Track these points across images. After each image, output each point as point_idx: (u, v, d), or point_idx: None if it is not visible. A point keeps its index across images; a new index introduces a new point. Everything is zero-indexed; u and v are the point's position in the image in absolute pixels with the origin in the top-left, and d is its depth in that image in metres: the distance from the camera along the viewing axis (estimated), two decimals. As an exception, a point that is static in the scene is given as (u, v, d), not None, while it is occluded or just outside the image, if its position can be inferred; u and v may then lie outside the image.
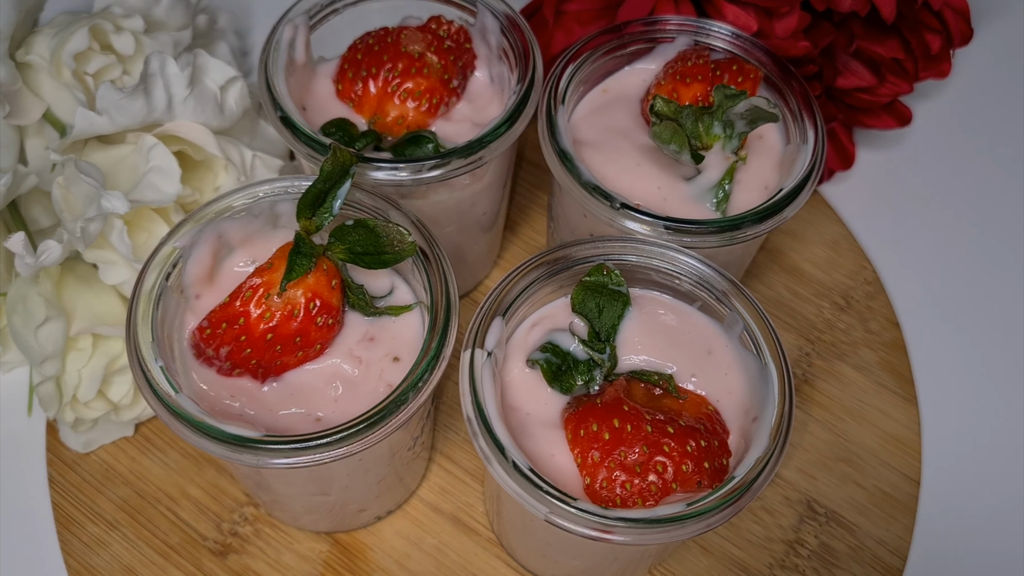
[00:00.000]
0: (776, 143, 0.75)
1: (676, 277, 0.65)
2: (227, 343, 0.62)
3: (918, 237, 0.95)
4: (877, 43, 0.90)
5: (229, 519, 0.77)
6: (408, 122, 0.74)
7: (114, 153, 0.76)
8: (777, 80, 0.75)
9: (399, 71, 0.74)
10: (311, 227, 0.62)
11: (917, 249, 0.95)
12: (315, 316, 0.62)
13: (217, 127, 0.76)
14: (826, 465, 0.81)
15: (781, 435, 0.59)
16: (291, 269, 0.61)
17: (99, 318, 0.73)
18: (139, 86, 0.70)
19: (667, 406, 0.62)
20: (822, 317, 0.90)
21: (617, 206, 0.67)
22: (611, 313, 0.65)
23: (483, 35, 0.77)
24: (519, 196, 0.96)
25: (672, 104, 0.69)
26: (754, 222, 0.67)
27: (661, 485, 0.58)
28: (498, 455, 0.57)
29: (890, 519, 0.79)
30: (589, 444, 0.60)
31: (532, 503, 0.56)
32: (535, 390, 0.64)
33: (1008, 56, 1.10)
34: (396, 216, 0.66)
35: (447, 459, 0.81)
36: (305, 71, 0.76)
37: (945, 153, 1.02)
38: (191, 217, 0.64)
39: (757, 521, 0.79)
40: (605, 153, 0.73)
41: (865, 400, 0.85)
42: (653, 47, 0.78)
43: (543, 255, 0.65)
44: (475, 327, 0.62)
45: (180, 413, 0.57)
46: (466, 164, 0.69)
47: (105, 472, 0.79)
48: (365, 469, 0.66)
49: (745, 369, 0.64)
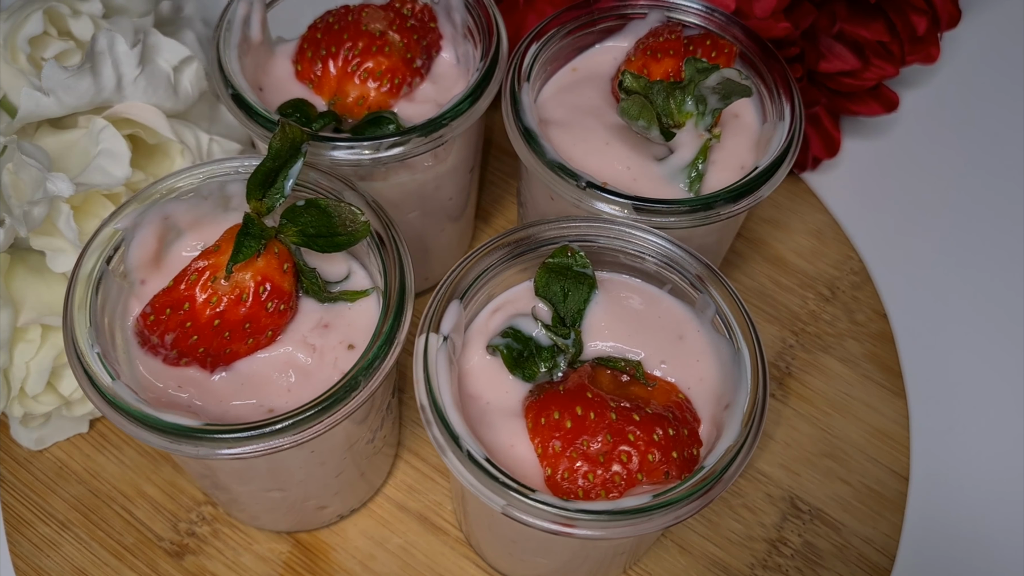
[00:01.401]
0: (753, 122, 0.72)
1: (644, 258, 0.62)
2: (172, 330, 0.59)
3: (906, 226, 0.92)
4: (861, 25, 0.87)
5: (186, 519, 0.74)
6: (369, 102, 0.72)
7: (66, 138, 0.73)
8: (753, 56, 0.72)
9: (359, 50, 0.71)
10: (261, 208, 0.60)
11: (905, 238, 0.92)
12: (265, 301, 0.59)
13: (171, 109, 0.73)
14: (810, 461, 0.78)
15: (754, 422, 0.56)
16: (238, 251, 0.58)
17: (48, 308, 0.70)
18: (85, 64, 0.68)
19: (635, 394, 0.59)
20: (806, 308, 0.86)
21: (583, 185, 0.64)
22: (576, 297, 0.62)
23: (448, 13, 0.74)
24: (492, 185, 0.93)
25: (642, 79, 0.66)
26: (728, 201, 0.64)
27: (626, 476, 0.55)
28: (452, 445, 0.54)
29: (877, 517, 0.75)
30: (550, 433, 0.56)
31: (488, 495, 0.53)
32: (496, 378, 0.60)
33: (998, 44, 1.07)
34: (350, 196, 0.63)
35: (415, 456, 0.78)
36: (262, 51, 0.73)
37: (934, 141, 0.99)
38: (135, 198, 0.61)
39: (738, 519, 0.75)
40: (573, 133, 0.70)
41: (851, 393, 0.82)
42: (624, 24, 0.75)
43: (504, 235, 0.62)
44: (430, 311, 0.59)
45: (115, 402, 0.54)
46: (427, 142, 0.66)
47: (58, 470, 0.76)
48: (320, 462, 0.62)
49: (718, 355, 0.61)
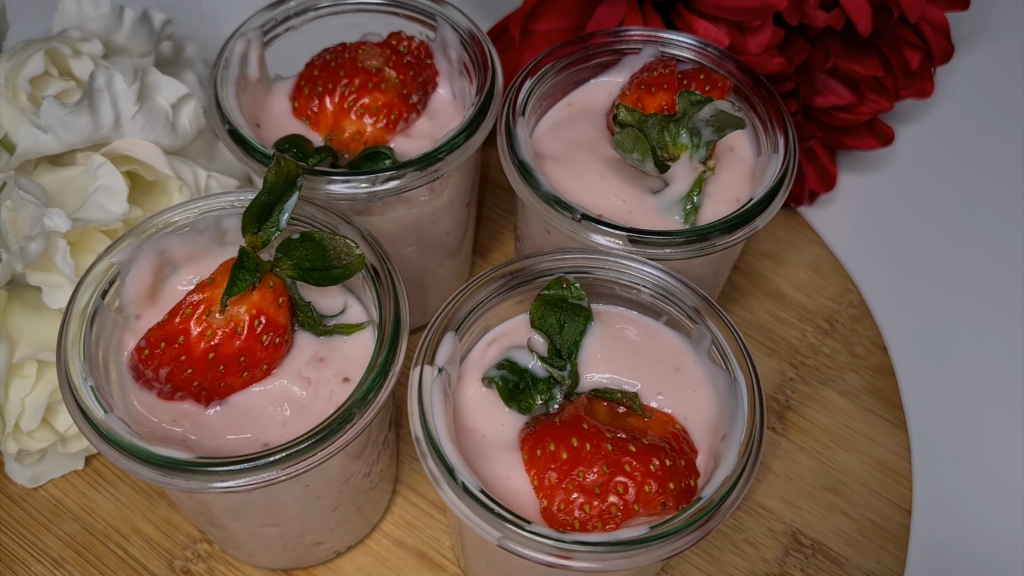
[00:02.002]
0: (748, 155, 0.72)
1: (640, 290, 0.62)
2: (166, 364, 0.58)
3: (904, 259, 0.92)
4: (855, 61, 0.88)
5: (182, 556, 0.73)
6: (365, 138, 0.72)
7: (64, 175, 0.74)
8: (746, 90, 0.72)
9: (356, 86, 0.72)
10: (257, 242, 0.60)
11: (903, 271, 0.91)
12: (260, 334, 0.59)
13: (170, 146, 0.73)
14: (812, 494, 0.77)
15: (751, 452, 0.55)
16: (233, 284, 0.58)
17: (44, 343, 0.70)
18: (83, 101, 0.68)
19: (631, 425, 0.59)
20: (806, 341, 0.86)
21: (578, 218, 0.64)
22: (573, 329, 0.62)
23: (444, 50, 0.75)
24: (489, 222, 0.93)
25: (636, 113, 0.66)
26: (723, 232, 0.64)
27: (622, 507, 0.55)
28: (447, 477, 0.54)
29: (880, 550, 0.74)
30: (546, 465, 0.56)
31: (484, 528, 0.52)
32: (492, 410, 0.60)
33: (992, 79, 1.07)
34: (345, 229, 0.63)
35: (413, 492, 0.77)
36: (260, 88, 0.74)
37: (930, 175, 0.99)
38: (131, 232, 0.62)
39: (739, 554, 0.74)
40: (567, 166, 0.70)
41: (852, 426, 0.81)
42: (619, 59, 0.76)
43: (499, 267, 0.62)
44: (425, 343, 0.58)
45: (108, 435, 0.54)
46: (423, 176, 0.66)
47: (53, 508, 0.75)
48: (315, 496, 0.62)
49: (714, 385, 0.61)
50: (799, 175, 0.92)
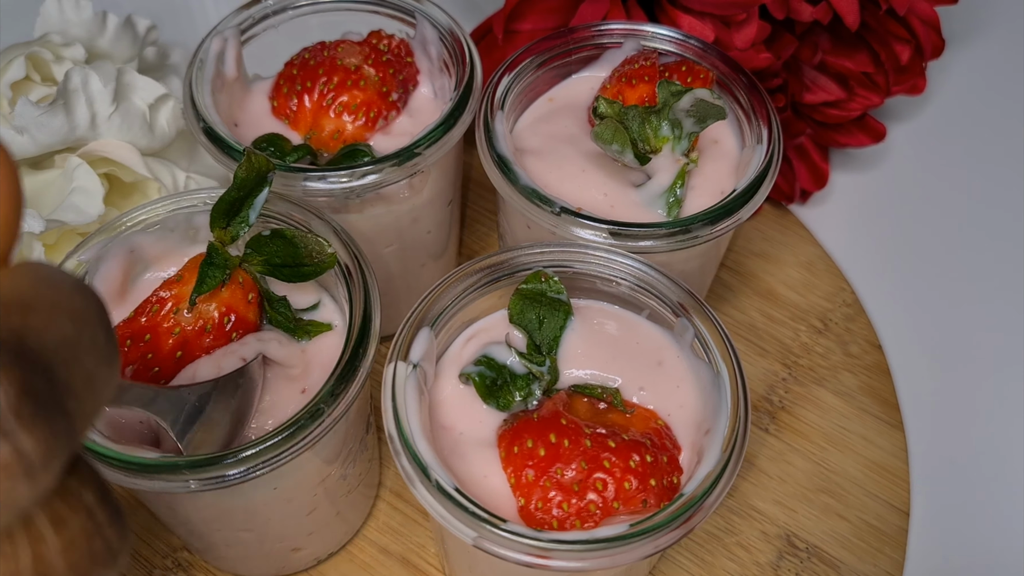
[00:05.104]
0: (732, 148, 0.71)
1: (621, 283, 0.61)
2: (132, 361, 0.57)
3: (898, 256, 0.91)
4: (844, 56, 0.87)
5: (161, 565, 0.72)
6: (345, 136, 0.71)
7: (42, 178, 0.73)
8: (730, 82, 0.71)
9: (335, 84, 0.71)
10: (225, 237, 0.58)
11: (897, 269, 0.90)
12: (230, 332, 0.58)
13: (147, 147, 0.72)
14: (806, 497, 0.75)
15: (735, 447, 0.54)
16: (202, 281, 0.57)
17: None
18: (58, 101, 0.67)
19: (612, 421, 0.57)
20: (799, 341, 0.84)
21: (557, 211, 0.63)
22: (552, 324, 0.60)
23: (424, 47, 0.74)
24: (476, 224, 0.92)
25: (616, 105, 0.65)
26: (706, 223, 0.63)
27: (602, 504, 0.53)
28: (421, 475, 0.52)
29: (877, 553, 0.72)
30: (523, 462, 0.54)
31: (459, 527, 0.51)
32: (469, 408, 0.59)
33: (985, 74, 1.06)
34: (318, 226, 0.61)
35: (397, 497, 0.75)
36: (238, 87, 0.73)
37: (923, 172, 0.97)
38: (100, 230, 0.61)
39: (732, 558, 0.72)
40: (548, 160, 0.69)
41: (847, 427, 0.79)
42: (600, 54, 0.74)
43: (476, 261, 0.60)
44: (399, 338, 0.57)
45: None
46: (401, 171, 0.65)
47: (30, 518, 0.74)
48: (286, 499, 0.60)
49: (698, 380, 0.59)
50: (791, 173, 0.90)
